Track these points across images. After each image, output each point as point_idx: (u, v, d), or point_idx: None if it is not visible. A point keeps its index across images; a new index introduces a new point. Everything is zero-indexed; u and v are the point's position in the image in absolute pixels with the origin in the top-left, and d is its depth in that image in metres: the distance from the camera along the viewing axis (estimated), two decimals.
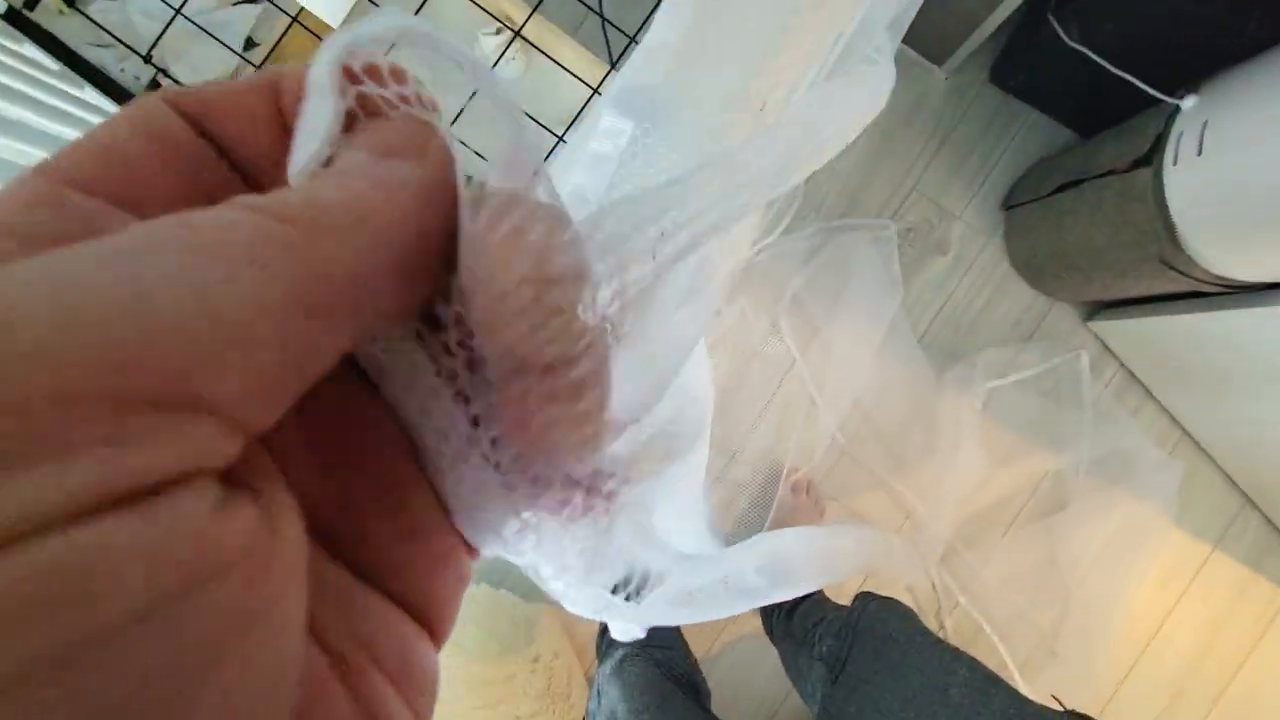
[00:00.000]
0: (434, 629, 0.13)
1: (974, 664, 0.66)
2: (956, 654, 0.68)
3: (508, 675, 1.01)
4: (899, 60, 0.48)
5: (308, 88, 0.12)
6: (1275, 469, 1.10)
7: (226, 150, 0.13)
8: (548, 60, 0.89)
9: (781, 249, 1.23)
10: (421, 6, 0.81)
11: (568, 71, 0.86)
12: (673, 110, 0.19)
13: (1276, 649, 1.22)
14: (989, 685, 0.62)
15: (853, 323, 1.21)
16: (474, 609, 1.07)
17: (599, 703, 0.85)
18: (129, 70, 0.96)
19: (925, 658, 0.67)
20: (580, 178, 0.20)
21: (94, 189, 0.11)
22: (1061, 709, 0.62)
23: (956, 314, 1.25)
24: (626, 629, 0.41)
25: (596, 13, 0.85)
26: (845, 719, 0.69)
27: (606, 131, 0.19)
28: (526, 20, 0.78)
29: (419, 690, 0.12)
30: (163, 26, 0.75)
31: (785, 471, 1.21)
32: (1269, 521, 1.23)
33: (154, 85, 0.70)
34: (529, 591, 1.15)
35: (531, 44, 0.87)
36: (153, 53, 0.76)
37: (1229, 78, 0.82)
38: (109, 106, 0.78)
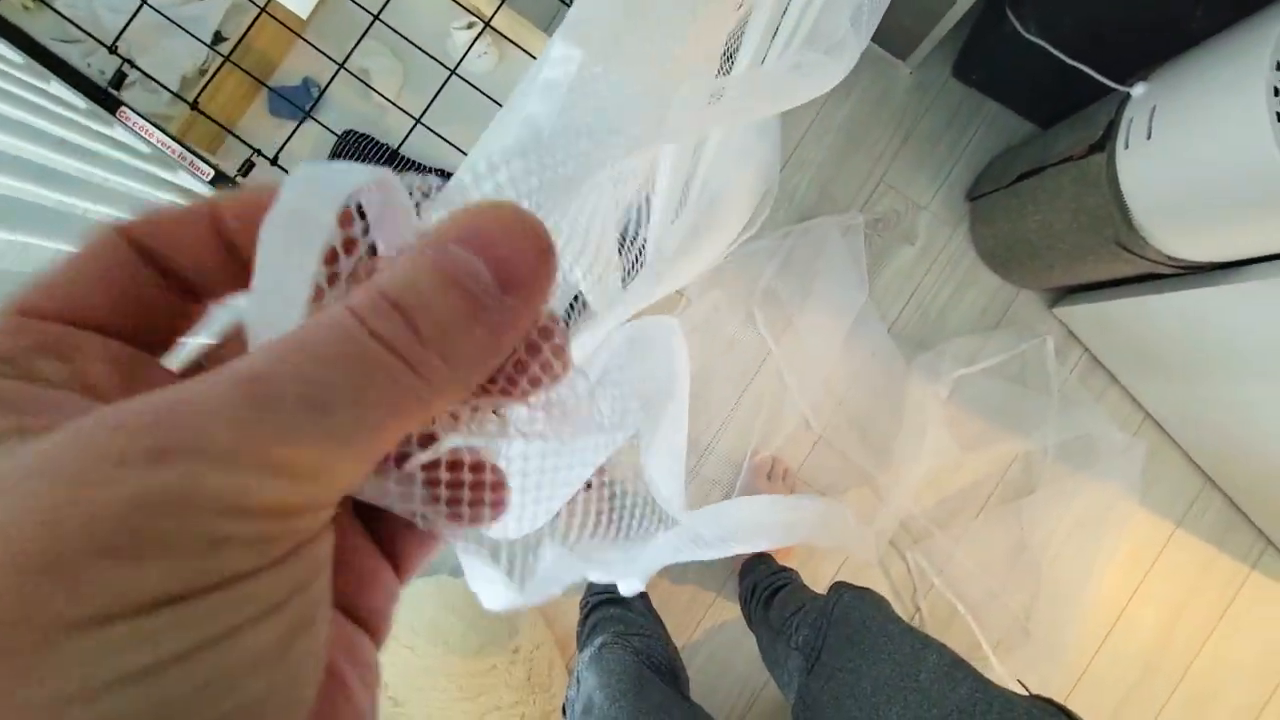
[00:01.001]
0: (374, 635, 0.16)
1: (943, 650, 0.67)
2: (926, 640, 0.69)
3: (489, 666, 1.01)
4: (864, 56, 0.50)
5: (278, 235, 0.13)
6: (1232, 448, 1.14)
7: (173, 271, 0.15)
8: (521, 54, 0.90)
9: (753, 246, 1.25)
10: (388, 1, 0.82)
11: None
12: (624, 43, 0.20)
13: (1239, 624, 1.26)
14: (956, 670, 0.64)
15: (825, 312, 1.24)
16: (456, 601, 1.07)
17: (577, 690, 0.86)
18: (95, 64, 0.95)
19: (897, 645, 0.69)
20: (535, 106, 0.21)
21: (45, 315, 0.14)
22: (1026, 693, 0.64)
23: (925, 303, 1.27)
24: (630, 583, 0.41)
25: (568, 5, 0.87)
26: (820, 707, 0.70)
27: (557, 60, 0.20)
28: (496, 12, 0.79)
29: (368, 671, 0.15)
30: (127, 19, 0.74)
31: (750, 451, 1.23)
32: (1229, 500, 1.27)
33: (119, 76, 0.69)
34: None
35: (504, 36, 0.87)
36: (118, 44, 0.75)
37: (1176, 65, 0.85)
38: (76, 100, 0.77)
